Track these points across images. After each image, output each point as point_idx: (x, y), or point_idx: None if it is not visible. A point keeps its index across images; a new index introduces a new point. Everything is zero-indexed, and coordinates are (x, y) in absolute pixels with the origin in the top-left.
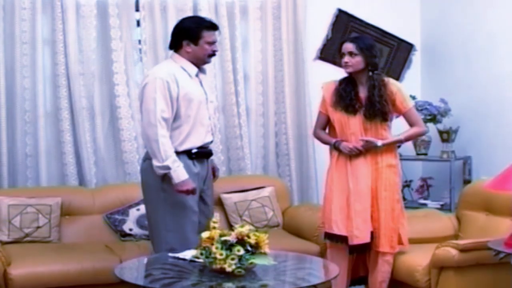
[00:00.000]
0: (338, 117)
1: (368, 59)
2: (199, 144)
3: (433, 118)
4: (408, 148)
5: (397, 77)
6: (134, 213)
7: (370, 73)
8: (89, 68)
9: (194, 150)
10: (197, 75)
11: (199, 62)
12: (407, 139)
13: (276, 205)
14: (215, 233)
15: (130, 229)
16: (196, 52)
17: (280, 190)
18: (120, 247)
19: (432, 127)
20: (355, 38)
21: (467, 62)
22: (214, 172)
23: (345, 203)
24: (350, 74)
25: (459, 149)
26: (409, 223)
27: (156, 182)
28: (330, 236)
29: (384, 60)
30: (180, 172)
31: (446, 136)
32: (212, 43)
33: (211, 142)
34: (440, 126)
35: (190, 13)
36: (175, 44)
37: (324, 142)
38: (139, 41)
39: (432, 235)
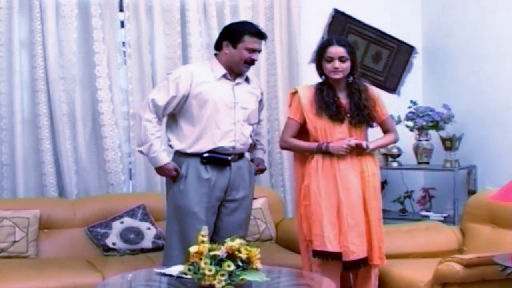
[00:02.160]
0: (322, 125)
1: (354, 64)
2: (210, 147)
3: (435, 125)
4: (409, 157)
5: (397, 82)
6: (117, 226)
7: (351, 78)
8: (69, 72)
9: (206, 154)
10: (229, 79)
11: (234, 68)
12: (386, 145)
13: (269, 218)
14: (204, 247)
15: (114, 244)
16: (232, 55)
17: (273, 202)
18: (103, 262)
19: (434, 135)
20: (342, 41)
21: (472, 66)
22: (259, 165)
23: (336, 217)
24: (328, 78)
25: (463, 157)
26: (411, 236)
27: (168, 182)
28: (322, 254)
29: (383, 64)
30: (159, 158)
31: (450, 144)
32: (252, 50)
33: (233, 148)
34: (443, 134)
35: (177, 14)
36: (218, 45)
37: (301, 150)
38: (123, 43)
39: (434, 249)
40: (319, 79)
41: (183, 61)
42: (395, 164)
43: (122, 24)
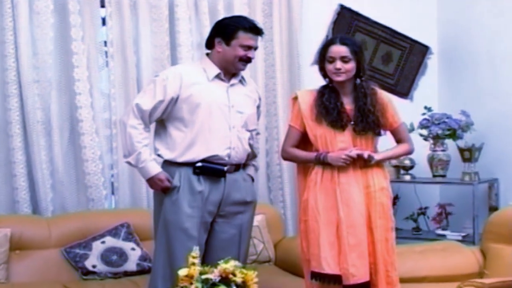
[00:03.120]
0: (322, 133)
1: (360, 65)
2: (203, 155)
3: (452, 133)
4: (423, 170)
5: (410, 85)
6: (98, 247)
7: (358, 80)
8: (45, 74)
9: (199, 164)
10: (223, 79)
11: (229, 66)
12: (397, 156)
13: (267, 237)
14: (195, 270)
15: (94, 266)
16: (226, 53)
17: (272, 219)
18: (81, 287)
19: (451, 145)
20: (346, 39)
21: (493, 67)
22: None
23: (335, 235)
24: (332, 81)
25: (484, 170)
26: (425, 257)
27: (157, 195)
28: (319, 277)
29: (395, 65)
30: (149, 168)
31: (468, 154)
32: (248, 47)
33: (228, 157)
34: (461, 143)
35: (165, 10)
36: (209, 42)
37: (301, 160)
38: (105, 43)
39: (452, 272)
40: (323, 82)
41: (172, 62)
42: (407, 177)
43: (104, 22)
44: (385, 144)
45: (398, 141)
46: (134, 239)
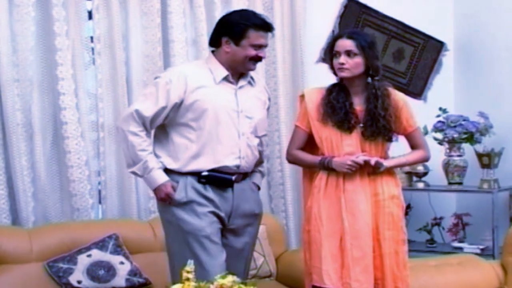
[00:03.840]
0: (327, 134)
1: (369, 61)
2: (211, 166)
3: (470, 137)
4: (438, 176)
5: (424, 85)
6: (83, 261)
7: (370, 80)
8: (25, 72)
9: (204, 173)
10: (231, 81)
11: (238, 67)
12: (410, 163)
13: (268, 250)
14: (189, 286)
15: (79, 281)
16: (235, 53)
17: (273, 230)
18: None
19: (468, 149)
20: (353, 33)
21: None
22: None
23: (339, 247)
24: (342, 79)
25: (504, 177)
26: (440, 272)
27: (163, 205)
28: None
29: (407, 63)
30: (157, 176)
31: (487, 160)
32: (259, 46)
33: (237, 167)
34: (479, 148)
35: (156, 3)
36: (215, 41)
37: (306, 164)
38: (91, 38)
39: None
40: (328, 81)
41: (164, 60)
42: (421, 185)
43: (90, 15)
44: (400, 149)
45: (413, 146)
46: (123, 252)
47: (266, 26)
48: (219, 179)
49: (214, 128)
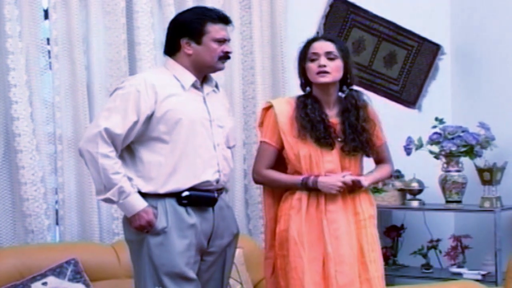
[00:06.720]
0: (306, 151)
1: (348, 67)
2: (191, 183)
3: (469, 150)
4: (433, 194)
5: (418, 92)
6: None
7: (345, 88)
8: None
9: (185, 193)
10: (198, 88)
11: (206, 69)
12: (382, 180)
13: (246, 276)
14: None
15: None
16: (199, 53)
17: (251, 254)
18: None
19: (468, 164)
20: (331, 36)
21: None
22: None
23: (321, 275)
24: (312, 90)
25: (508, 194)
26: None
27: (133, 232)
28: None
29: (399, 68)
30: (135, 202)
31: (489, 176)
32: (222, 41)
33: (217, 182)
34: (480, 162)
35: (121, 1)
36: (171, 46)
37: (281, 185)
38: (48, 40)
39: None
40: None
41: (130, 65)
42: (415, 203)
43: (46, 15)
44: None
45: (379, 161)
46: (83, 279)
47: (223, 18)
48: (202, 198)
49: (191, 139)
